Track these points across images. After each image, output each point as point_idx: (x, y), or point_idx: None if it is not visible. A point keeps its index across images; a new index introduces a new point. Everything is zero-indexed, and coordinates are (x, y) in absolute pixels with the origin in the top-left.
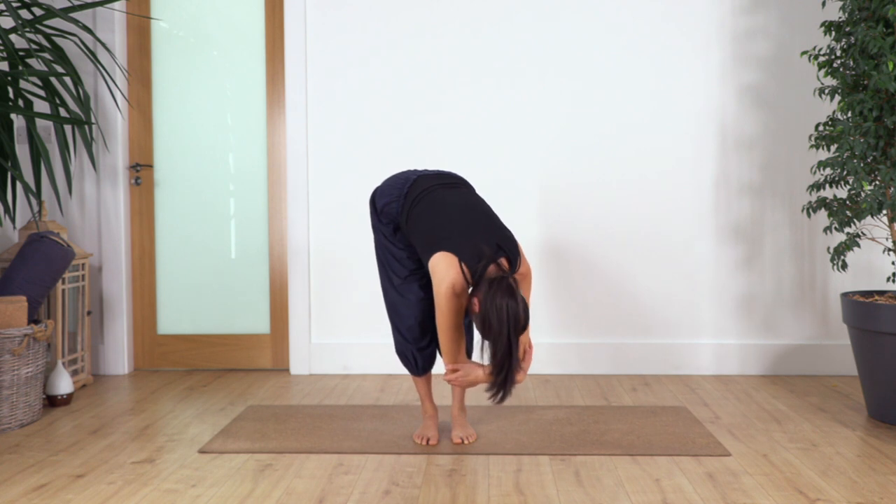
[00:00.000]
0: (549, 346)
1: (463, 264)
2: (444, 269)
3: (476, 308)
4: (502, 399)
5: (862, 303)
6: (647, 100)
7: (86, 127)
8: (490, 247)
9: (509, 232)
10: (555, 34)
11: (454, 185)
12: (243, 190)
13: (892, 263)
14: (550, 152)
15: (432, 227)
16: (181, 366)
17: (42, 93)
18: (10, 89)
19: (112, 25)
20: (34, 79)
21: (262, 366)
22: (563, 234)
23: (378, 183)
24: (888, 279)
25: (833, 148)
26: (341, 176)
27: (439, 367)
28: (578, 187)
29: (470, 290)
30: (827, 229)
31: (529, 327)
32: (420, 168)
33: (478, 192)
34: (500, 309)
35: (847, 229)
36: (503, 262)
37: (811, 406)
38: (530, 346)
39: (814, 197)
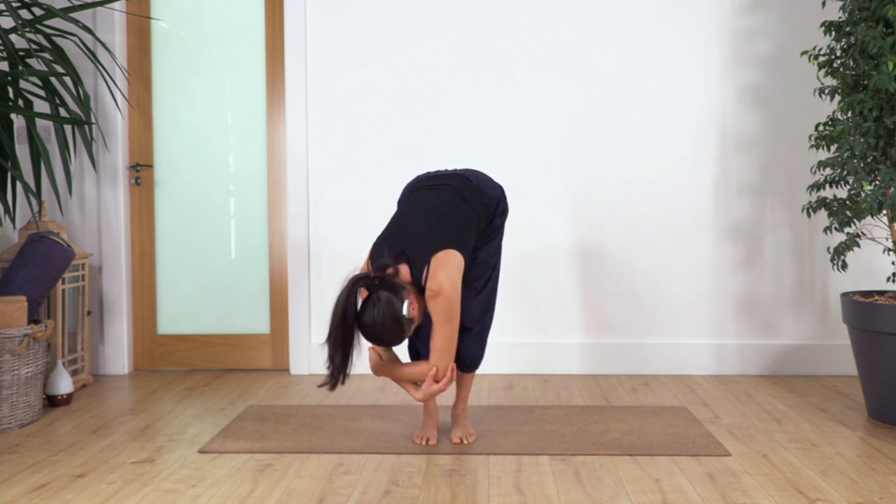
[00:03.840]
0: (549, 346)
1: (369, 262)
2: (362, 267)
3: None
4: (332, 388)
5: (862, 303)
6: (647, 100)
7: (86, 127)
8: (394, 251)
9: (443, 244)
10: (555, 34)
11: (437, 187)
12: (243, 190)
13: (893, 263)
14: (550, 152)
15: (386, 226)
16: (181, 366)
17: (42, 93)
18: (10, 89)
19: (112, 25)
20: (34, 79)
21: (262, 366)
22: (563, 234)
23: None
24: (888, 279)
25: (833, 148)
26: (341, 176)
27: None
28: (578, 187)
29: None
30: (827, 229)
31: (436, 351)
32: (432, 169)
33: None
34: (336, 297)
35: (847, 229)
36: (402, 268)
37: (811, 406)
38: (447, 375)
39: (814, 197)
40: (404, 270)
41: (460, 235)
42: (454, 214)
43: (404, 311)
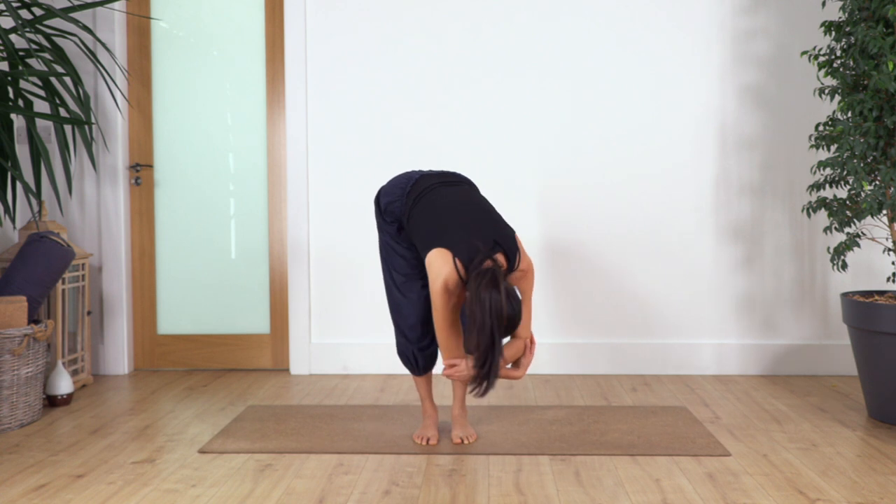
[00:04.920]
0: (549, 346)
1: (457, 260)
2: (439, 266)
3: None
4: (484, 392)
5: (862, 303)
6: (647, 100)
7: (86, 127)
8: (486, 243)
9: (510, 229)
10: (555, 35)
11: (455, 183)
12: (243, 190)
13: (893, 263)
14: (550, 152)
15: (430, 225)
16: (181, 366)
17: (42, 93)
18: (10, 89)
19: (112, 25)
20: (34, 79)
21: (262, 366)
22: (564, 235)
23: (380, 182)
24: (888, 279)
25: (833, 148)
26: (341, 175)
27: (439, 366)
28: (578, 187)
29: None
30: (827, 229)
31: (528, 324)
32: (424, 168)
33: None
34: (482, 301)
35: (847, 229)
36: (499, 257)
37: (811, 406)
38: (532, 343)
39: (814, 197)
40: (502, 259)
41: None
42: (490, 205)
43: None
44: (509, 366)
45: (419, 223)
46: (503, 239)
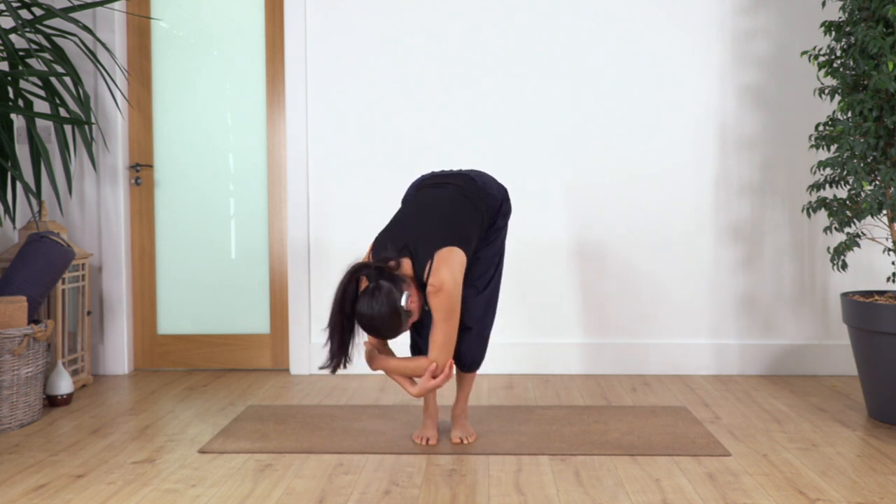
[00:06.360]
0: (549, 345)
1: (371, 253)
2: (364, 258)
3: None
4: (330, 369)
5: (862, 303)
6: (647, 99)
7: (86, 127)
8: (398, 244)
9: (451, 240)
10: (555, 35)
11: (442, 186)
12: (243, 190)
13: (893, 263)
14: (550, 152)
15: (390, 221)
16: (181, 366)
17: (42, 93)
18: (10, 89)
19: (112, 25)
20: (34, 79)
21: (262, 366)
22: (564, 234)
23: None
24: (888, 279)
25: (833, 148)
26: (341, 175)
27: None
28: (578, 187)
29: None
30: (827, 229)
31: (435, 347)
32: (428, 170)
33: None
34: (338, 285)
35: (847, 229)
36: (404, 261)
37: (811, 406)
38: (441, 370)
39: (814, 197)
40: (406, 264)
41: (464, 234)
42: (459, 213)
43: (403, 303)
44: (418, 379)
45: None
46: (417, 246)
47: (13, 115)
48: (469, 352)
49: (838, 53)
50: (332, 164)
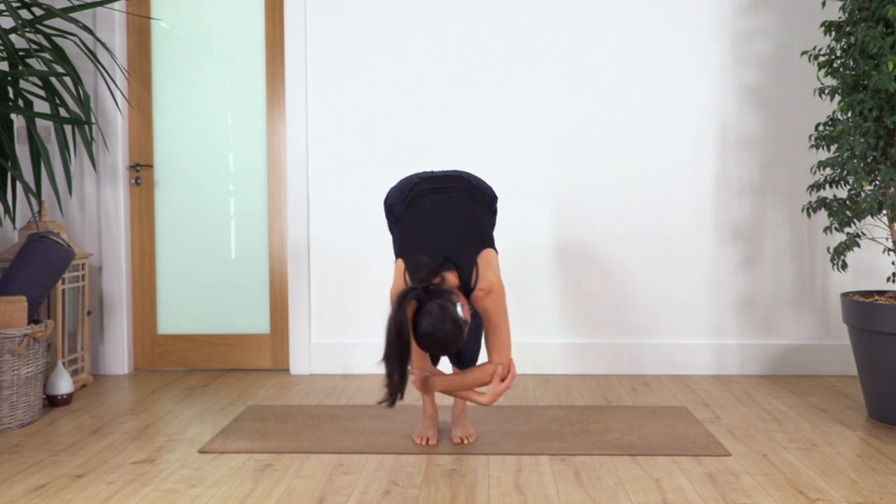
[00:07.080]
0: (549, 345)
1: (407, 273)
2: (395, 277)
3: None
4: (389, 404)
5: (862, 303)
6: (647, 100)
7: (86, 127)
8: (435, 258)
9: (482, 245)
10: (555, 35)
11: (445, 190)
12: (243, 190)
13: (893, 263)
14: (550, 152)
15: (404, 233)
16: (181, 366)
17: (42, 93)
18: (10, 89)
19: (112, 25)
20: (34, 79)
21: (262, 366)
22: (564, 235)
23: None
24: (888, 279)
25: (833, 148)
26: (341, 175)
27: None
28: (578, 187)
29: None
30: (827, 229)
31: (500, 349)
32: (428, 169)
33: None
34: (388, 318)
35: (847, 229)
36: (448, 274)
37: (811, 406)
38: (507, 370)
39: (814, 197)
40: (451, 276)
41: (488, 234)
42: (475, 215)
43: (459, 314)
44: (483, 390)
45: (401, 230)
46: (459, 256)
47: (13, 115)
48: (467, 347)
49: (838, 53)
50: (332, 163)
